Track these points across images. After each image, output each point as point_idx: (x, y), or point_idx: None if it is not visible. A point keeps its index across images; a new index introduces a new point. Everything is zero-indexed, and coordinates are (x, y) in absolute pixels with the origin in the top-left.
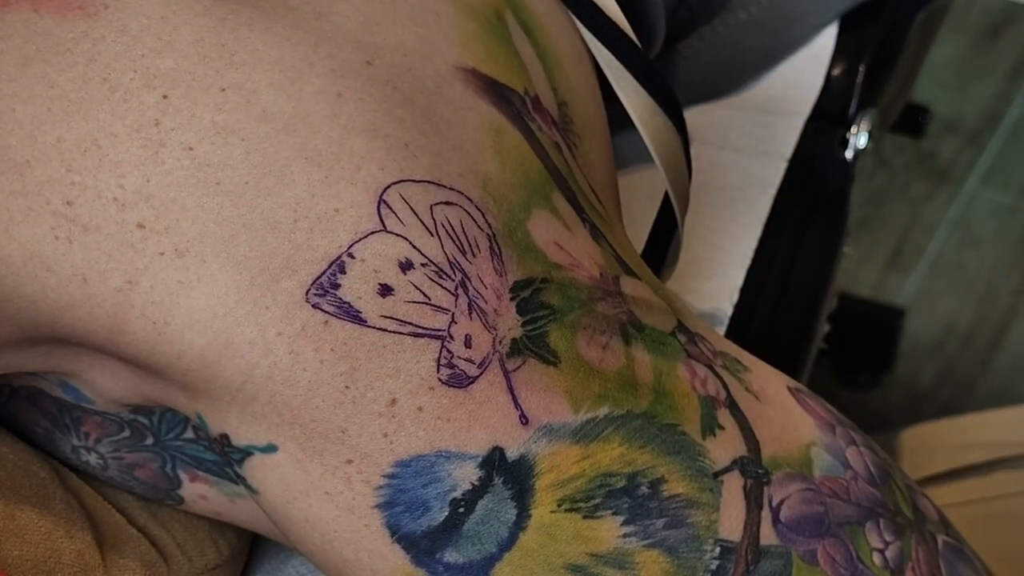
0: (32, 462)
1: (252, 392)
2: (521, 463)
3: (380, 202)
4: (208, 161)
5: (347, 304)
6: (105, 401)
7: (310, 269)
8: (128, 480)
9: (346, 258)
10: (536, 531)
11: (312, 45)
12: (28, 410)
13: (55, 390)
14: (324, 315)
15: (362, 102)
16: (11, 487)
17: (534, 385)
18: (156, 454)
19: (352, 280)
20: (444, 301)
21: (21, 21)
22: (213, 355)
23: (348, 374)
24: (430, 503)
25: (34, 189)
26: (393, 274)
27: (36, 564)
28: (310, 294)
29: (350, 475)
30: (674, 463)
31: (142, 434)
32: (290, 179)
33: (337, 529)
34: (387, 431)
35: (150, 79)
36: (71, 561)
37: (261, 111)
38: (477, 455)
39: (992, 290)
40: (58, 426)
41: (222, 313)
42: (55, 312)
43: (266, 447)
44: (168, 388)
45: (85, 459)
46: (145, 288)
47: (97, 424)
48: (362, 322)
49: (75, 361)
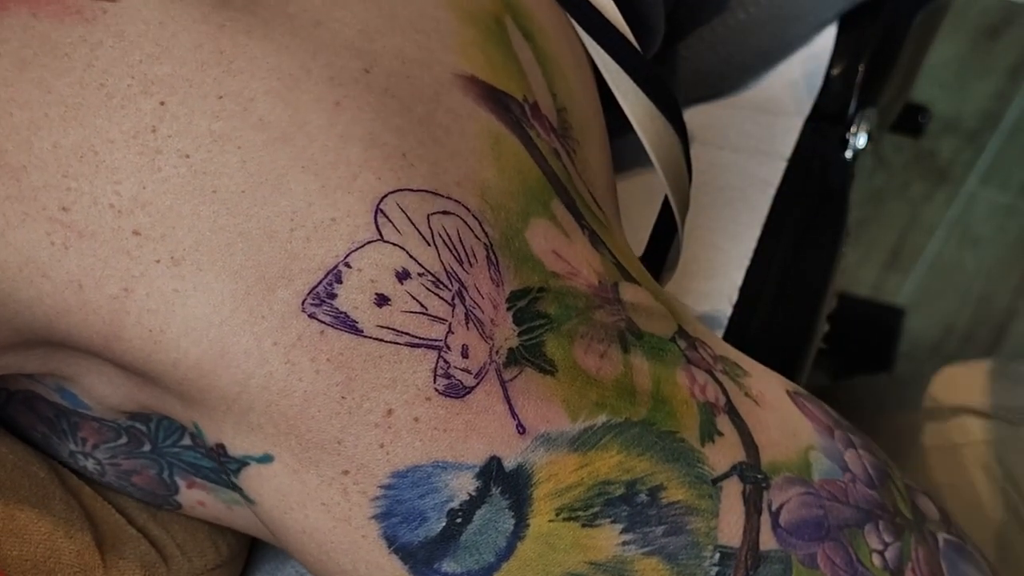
0: (31, 462)
1: (248, 402)
2: (519, 473)
3: (377, 211)
4: (205, 169)
5: (343, 314)
6: (102, 407)
7: (306, 279)
8: (126, 486)
9: (343, 268)
10: (534, 540)
11: (310, 53)
12: (25, 415)
13: (52, 395)
14: (320, 325)
15: (360, 111)
16: (11, 487)
17: (531, 394)
18: (153, 461)
19: (349, 290)
20: (441, 311)
21: (19, 25)
22: (208, 364)
23: (344, 384)
24: (427, 514)
25: (30, 194)
26: (390, 284)
27: (36, 564)
28: (306, 304)
29: (346, 486)
30: (673, 470)
31: (139, 441)
32: (286, 188)
33: (334, 540)
34: (383, 442)
35: (147, 85)
36: (71, 561)
37: (258, 119)
38: (474, 465)
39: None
40: (55, 431)
41: (218, 322)
42: (51, 317)
43: (262, 457)
44: (164, 396)
45: (82, 464)
46: (141, 295)
47: (94, 430)
48: (358, 332)
49: (73, 364)
